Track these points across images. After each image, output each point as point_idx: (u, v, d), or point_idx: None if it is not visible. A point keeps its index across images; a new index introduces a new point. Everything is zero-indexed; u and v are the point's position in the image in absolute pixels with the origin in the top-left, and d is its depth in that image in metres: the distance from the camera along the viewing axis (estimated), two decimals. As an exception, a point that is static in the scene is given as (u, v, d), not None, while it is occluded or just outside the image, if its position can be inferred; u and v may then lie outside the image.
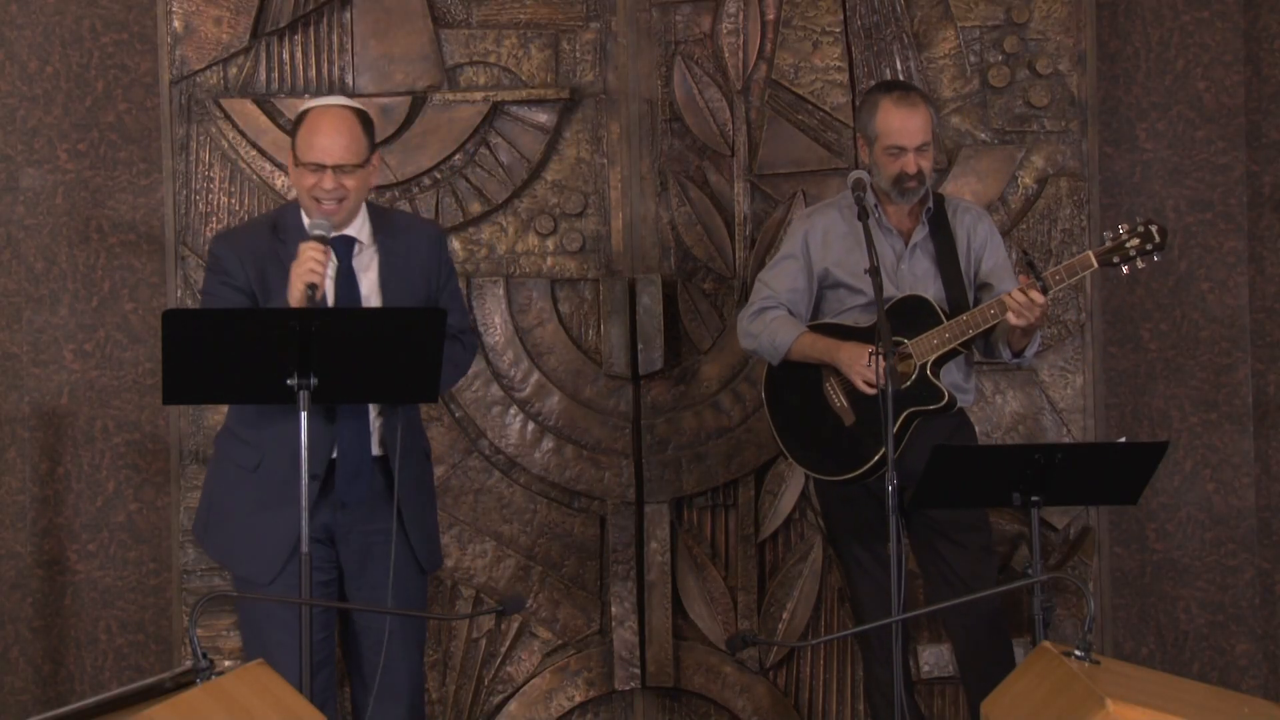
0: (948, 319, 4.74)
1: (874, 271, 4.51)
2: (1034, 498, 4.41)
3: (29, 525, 5.50)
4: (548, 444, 5.41)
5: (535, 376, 5.41)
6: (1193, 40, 5.62)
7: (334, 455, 4.35)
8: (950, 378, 4.79)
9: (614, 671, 5.39)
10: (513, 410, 5.40)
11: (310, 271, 4.16)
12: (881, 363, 4.43)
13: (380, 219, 4.52)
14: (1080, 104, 5.42)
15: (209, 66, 5.37)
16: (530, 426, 5.40)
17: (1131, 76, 5.62)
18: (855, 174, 4.77)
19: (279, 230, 4.41)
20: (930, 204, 4.86)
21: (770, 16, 5.43)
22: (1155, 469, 4.49)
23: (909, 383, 4.72)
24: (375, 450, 4.40)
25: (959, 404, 4.81)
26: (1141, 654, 5.58)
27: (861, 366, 4.68)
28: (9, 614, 5.50)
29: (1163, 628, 5.62)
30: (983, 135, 5.43)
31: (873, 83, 5.37)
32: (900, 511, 4.41)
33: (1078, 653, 3.76)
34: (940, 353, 4.73)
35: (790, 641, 5.38)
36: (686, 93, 5.43)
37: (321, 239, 4.23)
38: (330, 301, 4.35)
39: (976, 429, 5.04)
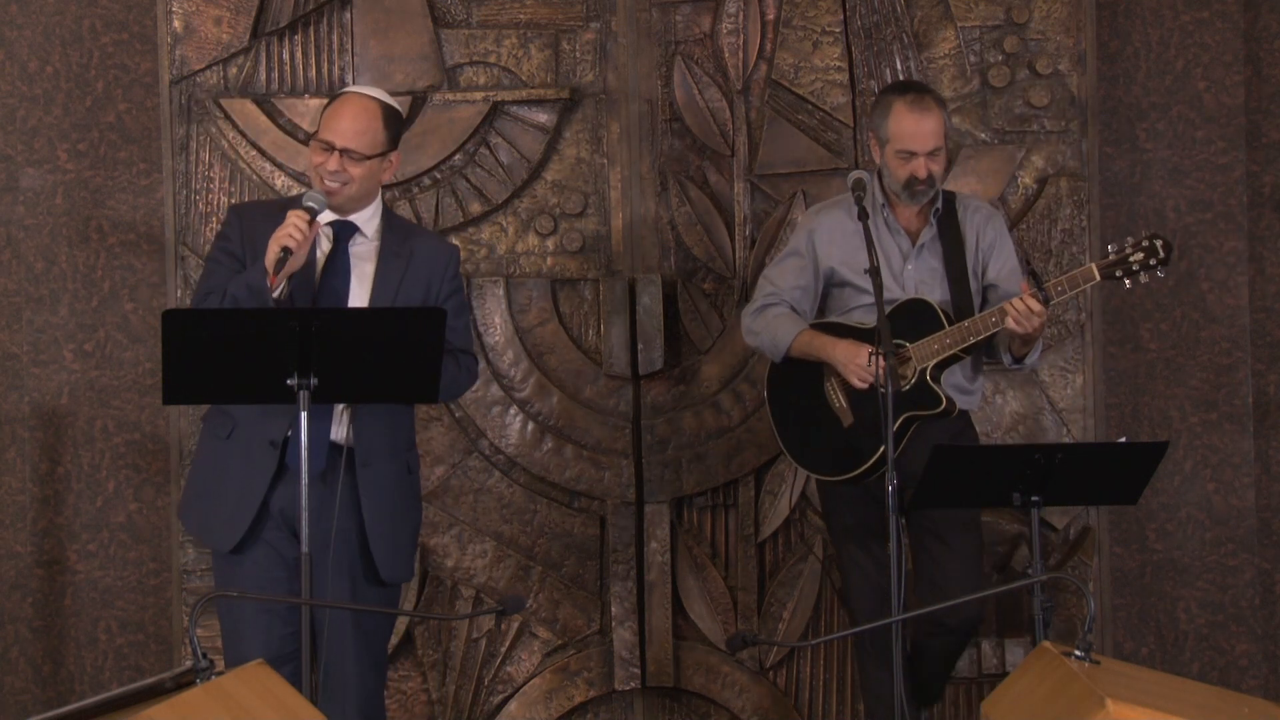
0: (950, 323, 4.72)
1: (874, 272, 4.51)
2: (1034, 498, 4.41)
3: (29, 525, 5.50)
4: (548, 444, 5.41)
5: (535, 376, 5.41)
6: (1193, 40, 5.61)
7: (289, 433, 4.25)
8: (953, 379, 4.77)
9: (614, 671, 5.39)
10: (513, 410, 5.40)
11: (288, 236, 4.15)
12: (882, 363, 4.41)
13: (396, 222, 4.50)
14: (1080, 104, 5.42)
15: (209, 66, 5.37)
16: (530, 426, 5.40)
17: (1131, 76, 5.61)
18: (855, 174, 4.76)
19: (288, 208, 4.39)
20: (939, 204, 4.84)
21: (770, 16, 5.43)
22: (1155, 469, 4.49)
23: (908, 386, 4.71)
24: (337, 435, 4.30)
25: (961, 408, 4.79)
26: (1141, 654, 5.58)
27: (856, 364, 4.67)
28: (9, 614, 5.50)
29: (1163, 628, 5.62)
30: (983, 135, 5.43)
31: (874, 83, 5.37)
32: (900, 512, 4.41)
33: (1078, 653, 3.76)
34: (940, 358, 4.72)
35: (790, 641, 5.38)
36: (686, 93, 5.43)
37: (310, 210, 4.22)
38: (315, 280, 4.31)
39: (978, 430, 5.03)
